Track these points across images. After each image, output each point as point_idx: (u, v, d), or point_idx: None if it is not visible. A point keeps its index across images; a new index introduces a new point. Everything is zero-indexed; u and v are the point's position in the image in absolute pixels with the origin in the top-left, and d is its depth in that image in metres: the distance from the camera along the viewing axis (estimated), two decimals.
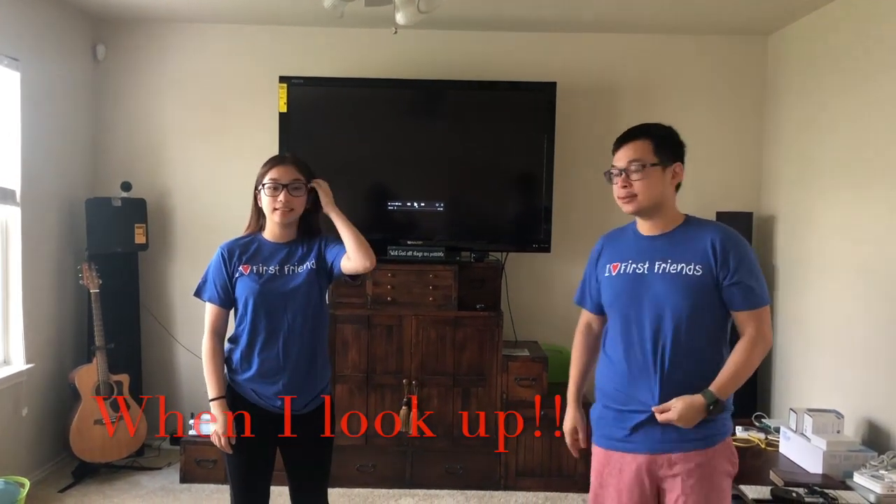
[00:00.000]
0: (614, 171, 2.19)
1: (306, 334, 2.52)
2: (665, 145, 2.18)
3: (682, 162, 2.22)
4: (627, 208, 2.19)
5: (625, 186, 2.16)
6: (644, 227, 2.23)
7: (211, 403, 2.49)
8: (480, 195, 4.35)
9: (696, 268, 2.10)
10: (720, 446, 2.15)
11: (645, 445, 2.14)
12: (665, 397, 2.11)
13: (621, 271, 2.21)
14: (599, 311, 2.35)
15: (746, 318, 2.13)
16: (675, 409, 2.08)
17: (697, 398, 2.08)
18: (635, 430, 2.15)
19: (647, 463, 2.14)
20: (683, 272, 2.10)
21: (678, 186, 2.23)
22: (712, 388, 2.09)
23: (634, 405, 2.15)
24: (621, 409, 2.18)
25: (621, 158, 2.18)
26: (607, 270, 2.25)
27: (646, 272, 2.16)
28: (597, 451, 2.28)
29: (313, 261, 2.54)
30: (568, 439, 2.43)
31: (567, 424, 2.43)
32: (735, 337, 2.19)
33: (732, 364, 2.11)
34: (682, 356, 2.12)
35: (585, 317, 2.44)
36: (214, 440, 2.47)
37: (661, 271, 2.13)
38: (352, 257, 2.46)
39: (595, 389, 2.33)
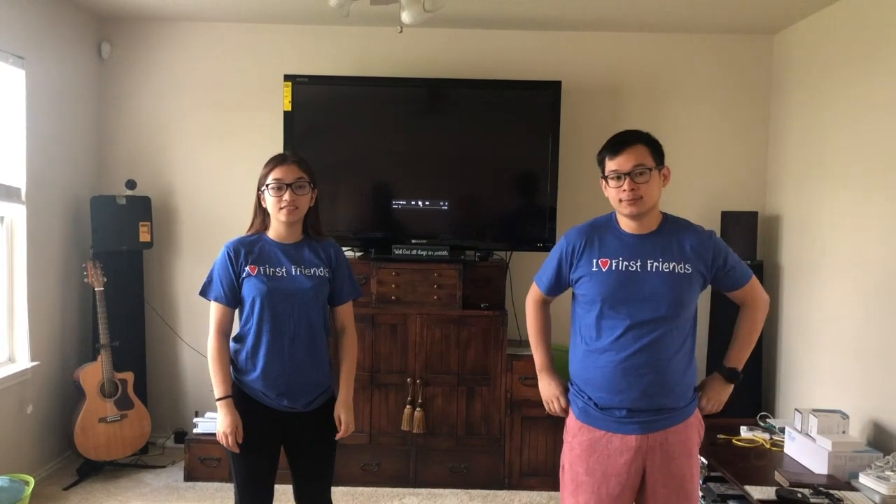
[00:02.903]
0: (615, 175, 2.28)
1: (311, 335, 2.52)
2: (657, 150, 2.32)
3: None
4: (631, 210, 2.28)
5: (633, 189, 2.24)
6: (631, 227, 2.34)
7: (218, 403, 2.48)
8: (485, 194, 4.34)
9: (686, 266, 2.27)
10: (693, 418, 2.35)
11: (636, 427, 2.27)
12: (656, 385, 2.25)
13: (612, 268, 2.31)
14: (553, 294, 2.54)
15: (747, 291, 2.38)
16: (711, 403, 2.40)
17: (720, 383, 2.41)
18: (628, 415, 2.28)
19: (637, 442, 2.27)
20: (675, 270, 2.27)
21: None
22: (731, 364, 2.40)
23: (627, 394, 2.27)
24: (612, 398, 2.29)
25: (625, 163, 2.26)
26: (595, 266, 2.34)
27: (639, 270, 2.28)
28: (582, 429, 2.36)
29: (325, 270, 2.56)
30: (556, 405, 2.49)
31: (554, 390, 2.50)
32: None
33: (743, 337, 2.40)
34: (671, 346, 2.27)
35: (540, 294, 2.56)
36: (221, 439, 2.47)
37: (654, 269, 2.28)
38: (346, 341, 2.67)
39: (575, 380, 2.43)
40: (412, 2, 2.98)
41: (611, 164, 2.29)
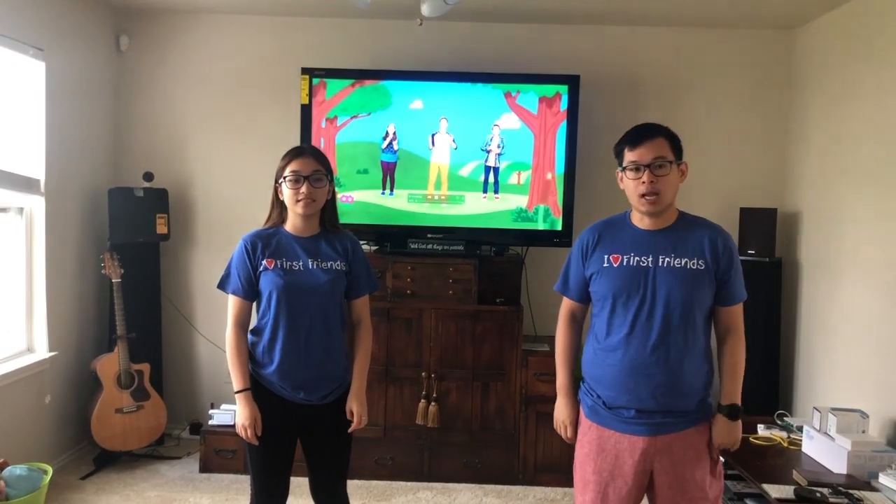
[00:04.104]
0: (634, 166, 2.24)
1: (328, 328, 2.52)
2: (676, 144, 2.29)
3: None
4: (650, 209, 2.25)
5: (652, 182, 2.21)
6: (644, 223, 2.31)
7: (237, 396, 2.49)
8: None
9: (699, 262, 2.23)
10: (707, 423, 2.30)
11: (645, 429, 2.24)
12: (667, 385, 2.21)
13: (624, 263, 2.28)
14: (582, 300, 2.45)
15: (730, 312, 2.31)
16: (724, 443, 2.29)
17: (724, 422, 2.28)
18: (637, 416, 2.24)
19: (644, 444, 2.24)
20: (687, 266, 2.22)
21: None
22: (729, 401, 2.30)
23: (636, 394, 2.24)
24: (620, 397, 2.27)
25: (645, 154, 2.23)
26: (606, 261, 2.31)
27: (650, 265, 2.24)
28: (591, 428, 2.34)
29: (342, 263, 2.56)
30: (570, 430, 2.44)
31: (566, 415, 2.44)
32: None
33: (732, 373, 2.32)
34: (684, 345, 2.22)
35: (570, 305, 2.49)
36: (241, 432, 2.48)
37: (665, 265, 2.23)
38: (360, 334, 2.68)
39: (586, 377, 2.40)
40: None
41: (630, 156, 2.25)
